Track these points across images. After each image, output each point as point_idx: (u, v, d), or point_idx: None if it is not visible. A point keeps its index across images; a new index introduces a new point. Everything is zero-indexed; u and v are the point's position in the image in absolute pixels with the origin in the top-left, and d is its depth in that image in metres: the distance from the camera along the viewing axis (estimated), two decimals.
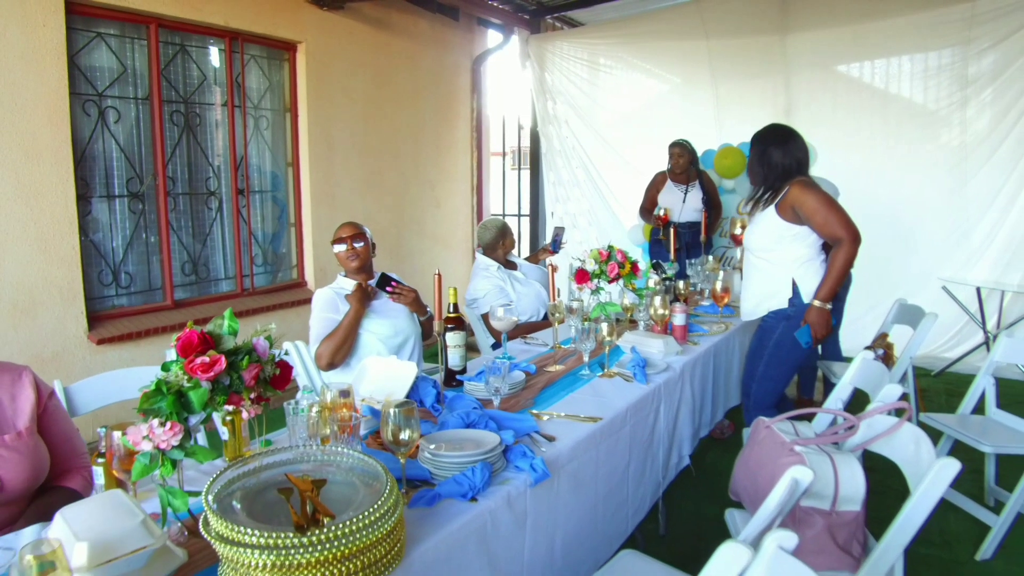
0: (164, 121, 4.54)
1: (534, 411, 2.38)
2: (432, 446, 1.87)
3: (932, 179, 6.09)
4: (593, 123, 7.09)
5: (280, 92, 5.33)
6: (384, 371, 2.49)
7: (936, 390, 5.43)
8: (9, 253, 3.80)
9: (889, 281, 6.14)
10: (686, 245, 5.49)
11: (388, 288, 3.16)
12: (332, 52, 5.47)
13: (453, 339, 2.67)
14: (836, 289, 3.11)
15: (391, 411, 1.72)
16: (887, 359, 4.07)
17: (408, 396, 2.33)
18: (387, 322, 3.24)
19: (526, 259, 4.55)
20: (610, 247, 3.36)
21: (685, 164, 5.67)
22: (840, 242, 3.07)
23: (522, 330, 3.78)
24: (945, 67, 6.02)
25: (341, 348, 3.05)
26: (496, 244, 4.19)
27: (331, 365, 3.06)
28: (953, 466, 1.90)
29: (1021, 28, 5.61)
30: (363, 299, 3.14)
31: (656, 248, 5.78)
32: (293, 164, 5.44)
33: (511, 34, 7.05)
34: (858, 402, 2.81)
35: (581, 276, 3.33)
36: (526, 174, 7.71)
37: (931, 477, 1.92)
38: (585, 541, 2.21)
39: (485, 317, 4.07)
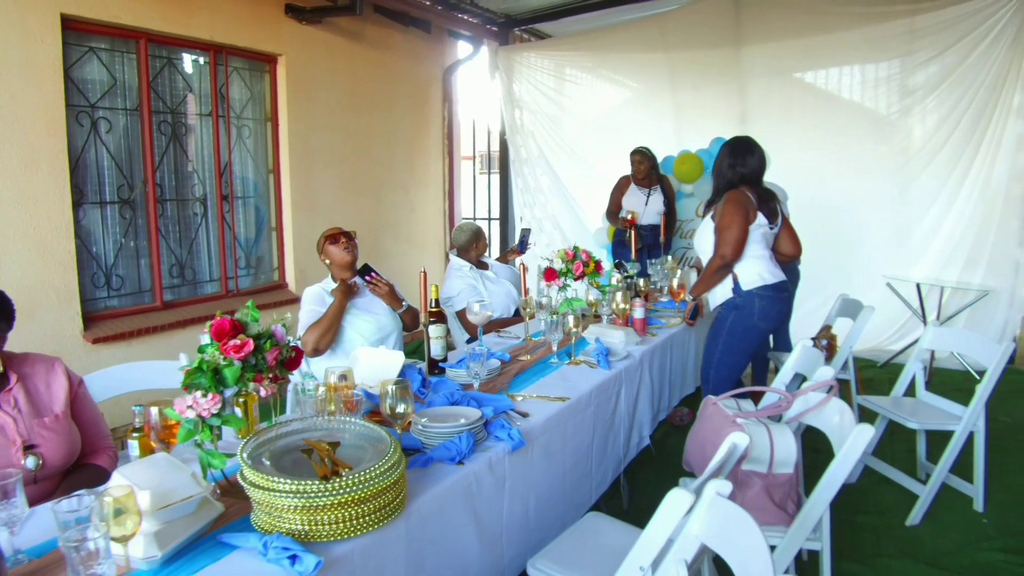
0: (153, 131, 4.77)
1: (510, 393, 2.69)
2: (423, 420, 2.17)
3: (877, 182, 6.49)
4: (559, 130, 7.44)
5: (261, 102, 5.58)
6: (375, 359, 2.78)
7: (881, 379, 5.83)
8: (10, 257, 4.02)
9: (837, 278, 6.53)
10: (647, 246, 5.84)
11: (368, 277, 3.46)
12: (310, 64, 5.74)
13: (435, 331, 2.97)
14: (705, 290, 3.63)
15: (389, 388, 2.02)
16: (830, 349, 4.44)
17: None
18: (371, 319, 3.53)
19: (496, 260, 4.86)
20: (575, 248, 3.69)
21: (646, 170, 6.01)
22: (716, 256, 3.49)
23: (495, 325, 4.09)
24: (889, 78, 6.42)
25: (325, 335, 3.33)
26: (470, 246, 4.49)
27: (316, 351, 3.34)
28: (868, 431, 2.25)
29: (958, 42, 6.02)
30: (346, 292, 3.44)
31: (620, 249, 6.12)
32: (274, 171, 5.69)
33: (480, 45, 7.37)
34: (800, 385, 3.17)
35: (549, 274, 3.66)
36: (495, 178, 8.04)
37: (850, 441, 2.27)
38: (555, 505, 2.53)
39: (460, 314, 4.37)
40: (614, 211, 6.15)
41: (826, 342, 4.43)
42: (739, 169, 3.57)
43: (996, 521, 3.45)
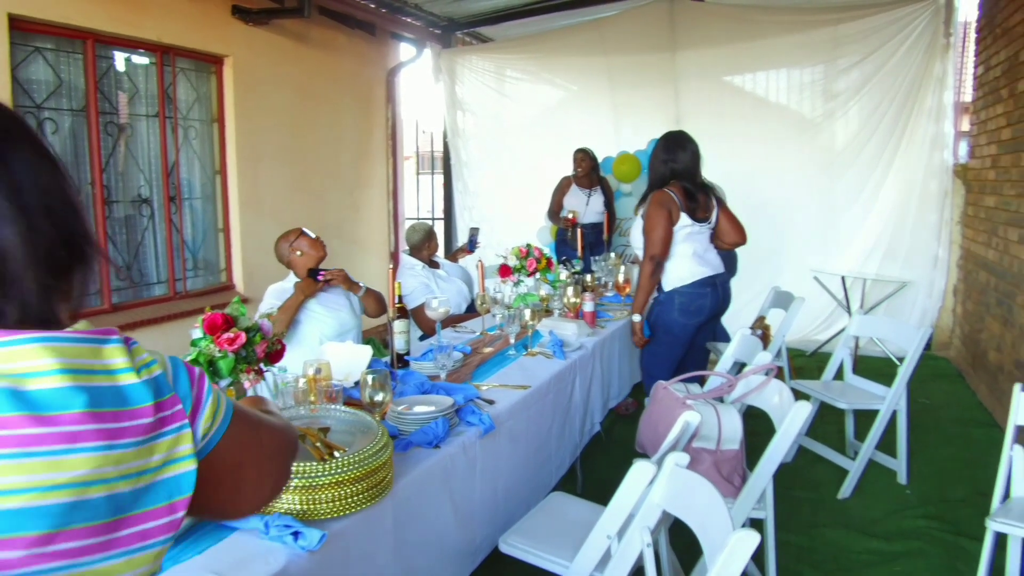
0: (99, 132, 4.75)
1: (474, 383, 2.83)
2: (400, 407, 2.30)
3: (805, 181, 6.84)
4: (501, 132, 7.62)
5: (208, 103, 5.59)
6: (342, 354, 2.89)
7: (810, 367, 6.16)
8: None
9: (769, 271, 6.86)
10: (590, 244, 6.05)
11: (319, 276, 3.58)
12: (257, 65, 5.77)
13: (400, 325, 3.10)
14: (644, 302, 3.77)
15: (368, 377, 2.15)
16: (764, 339, 4.72)
17: None
18: (332, 317, 3.65)
19: (446, 259, 4.99)
20: (529, 245, 3.87)
21: (588, 168, 6.23)
22: (646, 258, 3.69)
23: (449, 321, 4.22)
24: (814, 82, 6.79)
25: (278, 323, 3.43)
26: (422, 245, 4.62)
27: (280, 333, 3.44)
28: (805, 407, 2.48)
29: (878, 49, 6.39)
30: (305, 288, 3.55)
31: (562, 247, 6.32)
32: (221, 172, 5.70)
33: (424, 48, 7.49)
34: (740, 372, 3.40)
35: (504, 271, 3.82)
36: (439, 179, 8.17)
37: (790, 417, 2.49)
38: (521, 486, 2.69)
39: (413, 312, 4.49)
40: (556, 211, 6.34)
41: (760, 332, 4.70)
42: (671, 164, 3.76)
43: (917, 491, 3.76)
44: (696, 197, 3.75)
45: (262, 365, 2.07)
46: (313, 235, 3.75)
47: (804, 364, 6.26)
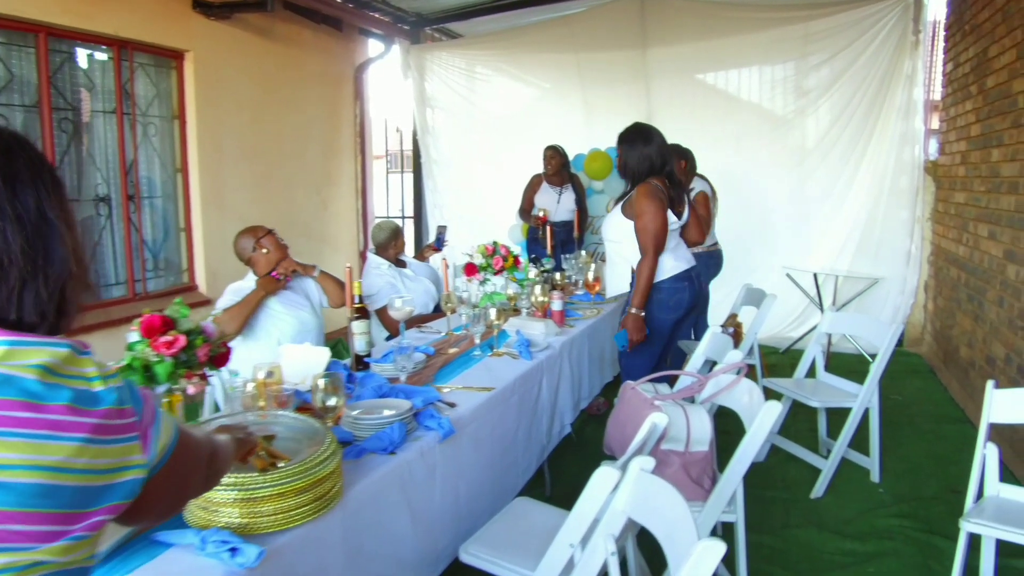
0: (53, 128, 4.59)
1: (436, 385, 2.74)
2: (355, 412, 2.20)
3: (777, 178, 6.82)
4: (471, 129, 7.51)
5: (168, 99, 5.43)
6: (300, 356, 2.78)
7: (783, 364, 6.13)
8: None
9: (741, 269, 6.81)
10: (561, 242, 5.97)
11: (274, 274, 3.50)
12: (219, 60, 5.62)
13: (359, 326, 2.99)
14: (646, 297, 3.52)
15: (320, 382, 2.05)
16: (736, 336, 4.67)
17: None
18: (292, 317, 3.55)
19: (414, 257, 4.89)
20: (495, 243, 3.77)
21: (558, 166, 6.15)
22: (644, 254, 3.49)
23: (414, 321, 4.12)
24: (786, 79, 6.76)
25: (236, 318, 3.35)
26: (388, 244, 4.51)
27: (222, 335, 3.33)
28: (775, 407, 2.41)
29: (848, 46, 6.37)
30: (267, 284, 3.45)
31: (533, 245, 6.24)
32: (182, 170, 5.55)
33: (392, 44, 7.36)
34: (711, 370, 3.33)
35: (470, 269, 3.73)
36: (408, 177, 8.05)
37: (760, 417, 2.42)
38: (484, 492, 2.59)
39: (379, 312, 4.39)
40: (527, 209, 6.26)
41: (732, 329, 4.65)
42: (653, 158, 3.61)
43: (891, 489, 3.72)
44: (676, 191, 3.67)
45: (207, 370, 1.96)
46: (282, 239, 3.66)
47: (777, 361, 6.23)
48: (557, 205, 6.13)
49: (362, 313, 3.01)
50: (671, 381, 3.05)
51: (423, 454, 2.17)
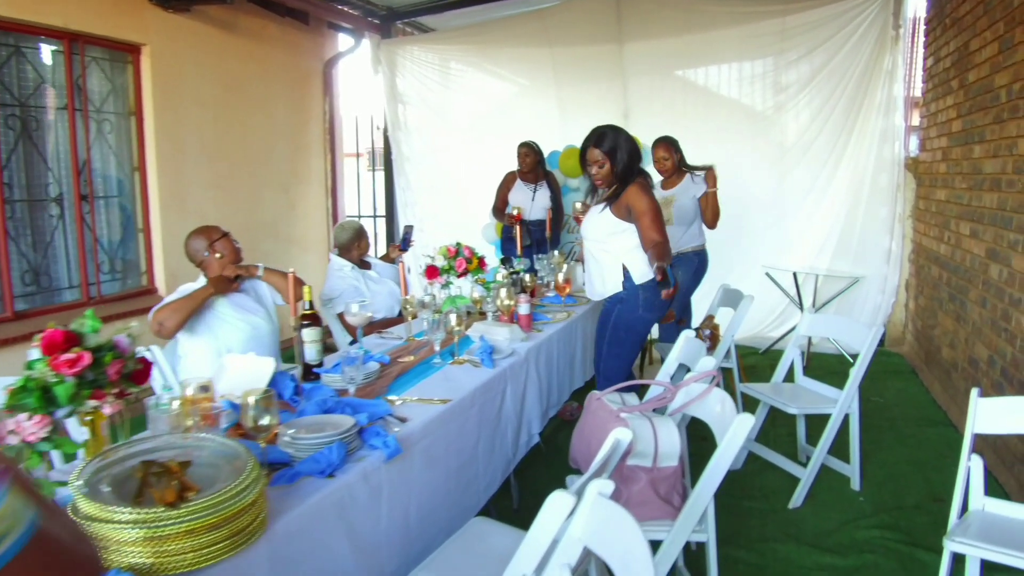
0: None
1: (389, 397, 2.56)
2: (291, 431, 2.02)
3: (756, 175, 6.68)
4: (444, 125, 7.32)
5: (124, 95, 5.21)
6: (243, 368, 2.60)
7: (763, 366, 6.00)
8: None
9: (720, 267, 6.68)
10: (535, 241, 5.81)
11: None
12: (178, 55, 5.41)
13: (309, 335, 2.81)
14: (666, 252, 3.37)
15: (250, 400, 1.87)
16: (713, 338, 4.52)
17: None
18: (244, 321, 3.37)
19: (380, 259, 4.71)
20: (458, 244, 3.59)
21: (532, 163, 5.99)
22: (657, 243, 3.37)
23: (378, 326, 3.94)
24: (764, 75, 6.61)
25: (177, 312, 3.17)
26: (351, 245, 4.33)
27: (160, 328, 3.17)
28: (748, 420, 2.25)
29: (826, 41, 6.26)
30: (218, 284, 3.28)
31: (508, 244, 6.07)
32: (139, 169, 5.34)
33: (362, 38, 7.15)
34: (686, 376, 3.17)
35: (431, 272, 3.54)
36: (380, 175, 7.85)
37: (732, 431, 2.26)
38: (439, 511, 2.42)
39: (342, 316, 4.21)
40: (500, 207, 6.10)
41: (709, 332, 4.50)
42: (636, 159, 3.55)
43: (871, 498, 3.59)
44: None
45: (125, 387, 1.78)
46: (220, 230, 3.48)
47: (756, 362, 6.10)
48: (532, 203, 5.97)
49: (312, 320, 2.83)
50: (640, 391, 2.90)
51: (366, 476, 2.00)
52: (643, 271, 3.55)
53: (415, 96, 7.27)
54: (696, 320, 5.16)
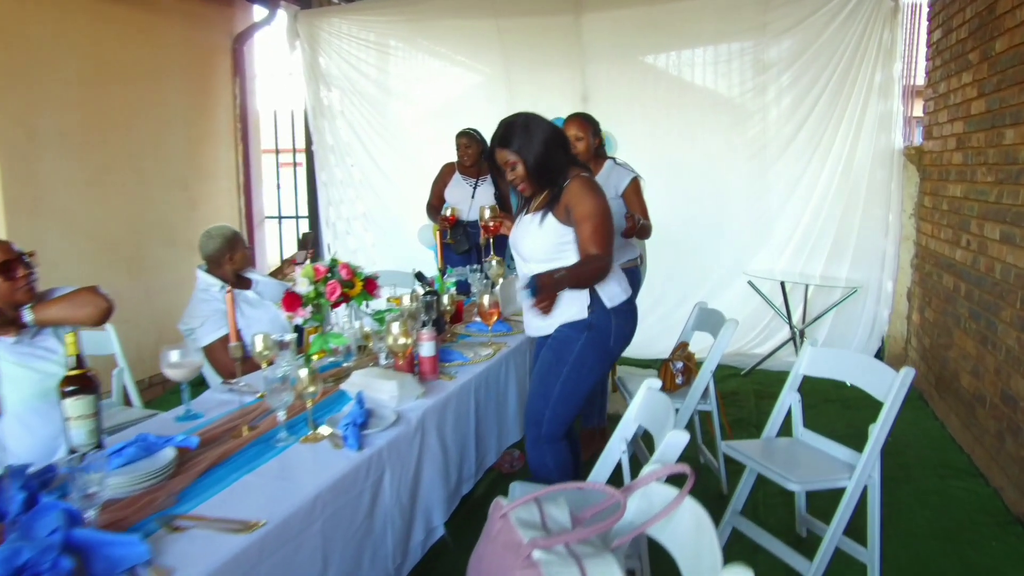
0: None
1: (173, 513, 1.60)
2: None
3: (734, 169, 5.82)
4: (373, 111, 6.27)
5: None
6: None
7: (745, 392, 5.11)
8: None
9: (693, 276, 5.83)
10: (474, 247, 4.87)
11: None
12: (30, 25, 4.37)
13: (75, 408, 1.85)
14: (582, 284, 2.63)
15: None
16: (687, 372, 3.60)
17: None
18: (31, 372, 2.40)
19: (270, 275, 3.75)
20: (332, 261, 2.58)
21: (474, 155, 5.06)
22: (596, 257, 2.56)
23: (251, 365, 2.96)
24: (743, 51, 5.76)
25: None
26: (221, 258, 3.36)
27: None
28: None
29: (814, 13, 5.42)
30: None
31: (448, 252, 5.12)
32: None
33: (277, 8, 6.10)
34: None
35: (290, 302, 2.54)
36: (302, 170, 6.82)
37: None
38: None
39: (208, 351, 3.24)
40: (435, 205, 5.15)
41: (682, 364, 3.59)
42: (566, 147, 2.72)
43: None
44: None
45: None
46: (8, 251, 2.49)
47: (738, 387, 5.20)
48: (471, 201, 5.03)
49: (82, 385, 1.87)
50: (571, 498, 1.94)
51: None
52: (616, 292, 2.71)
53: (339, 76, 6.24)
54: (663, 346, 4.21)
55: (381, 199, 6.36)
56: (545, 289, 2.44)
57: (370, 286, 2.63)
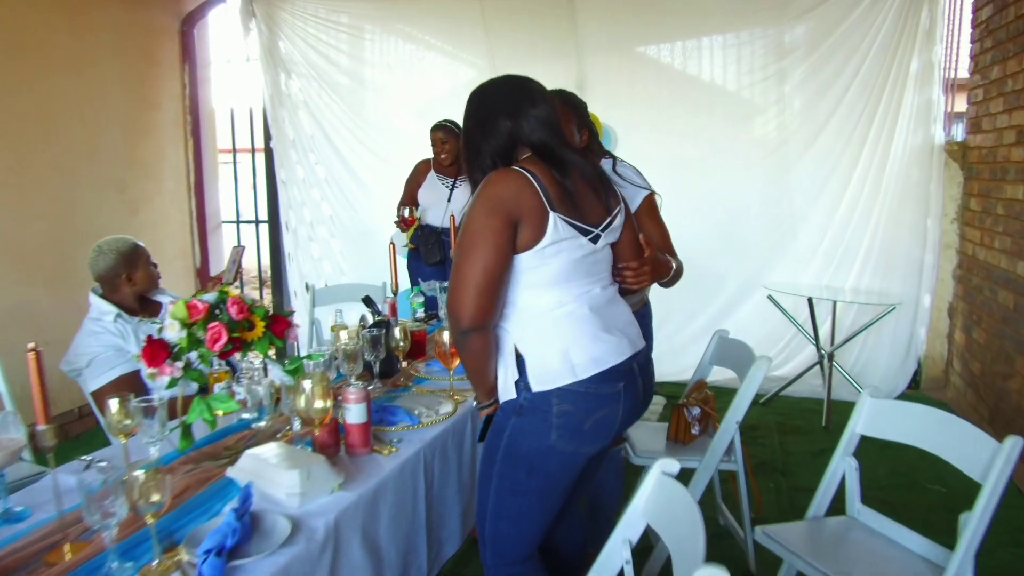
0: None
1: None
2: None
3: (749, 168, 5.15)
4: (341, 102, 5.54)
5: None
6: None
7: (767, 425, 4.42)
8: None
9: (706, 291, 5.14)
10: (446, 258, 4.19)
11: None
12: None
13: None
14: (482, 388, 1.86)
15: None
16: (705, 419, 2.91)
17: None
18: None
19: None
20: (221, 293, 1.84)
21: (454, 152, 4.38)
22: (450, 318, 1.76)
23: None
24: (758, 36, 5.09)
25: None
26: (116, 279, 2.67)
27: None
28: None
29: None
30: None
31: (414, 262, 4.44)
32: None
33: None
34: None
35: (151, 354, 1.78)
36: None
37: None
38: None
39: (97, 396, 2.55)
40: (408, 206, 4.47)
41: (699, 410, 2.89)
42: (509, 122, 1.85)
43: None
44: (567, 179, 1.85)
45: None
46: None
47: (758, 421, 4.50)
48: (447, 204, 4.36)
49: None
50: None
51: None
52: (552, 365, 1.75)
53: (301, 63, 5.51)
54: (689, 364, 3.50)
55: (350, 201, 5.64)
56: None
57: (278, 327, 1.90)
